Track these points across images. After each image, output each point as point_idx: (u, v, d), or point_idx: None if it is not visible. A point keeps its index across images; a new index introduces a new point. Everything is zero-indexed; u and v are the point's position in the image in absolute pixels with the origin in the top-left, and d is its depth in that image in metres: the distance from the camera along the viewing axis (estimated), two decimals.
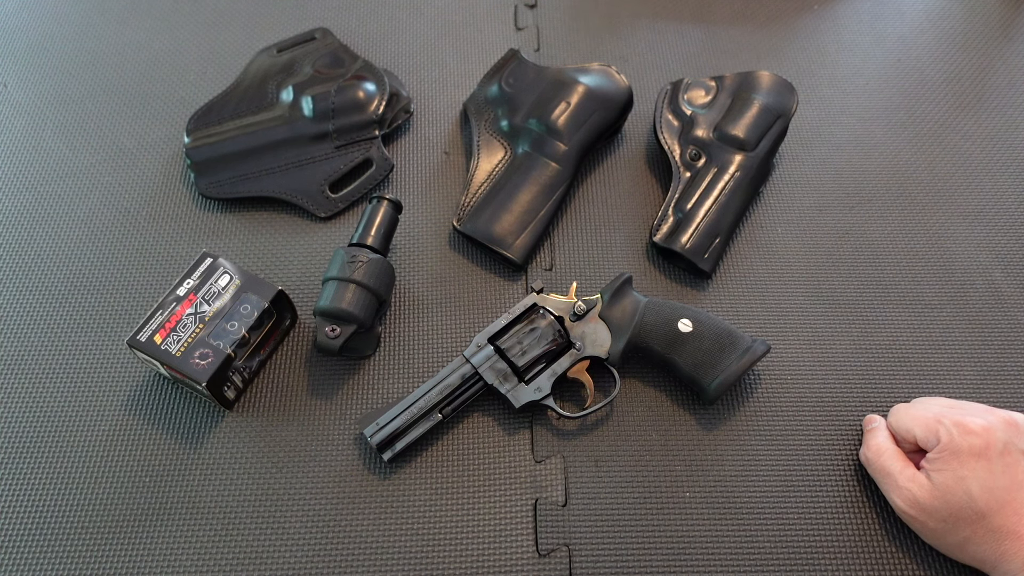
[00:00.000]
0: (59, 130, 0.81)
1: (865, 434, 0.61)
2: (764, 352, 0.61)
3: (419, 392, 0.61)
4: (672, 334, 0.61)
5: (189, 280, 0.63)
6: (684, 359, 0.61)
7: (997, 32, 0.90)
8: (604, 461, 0.62)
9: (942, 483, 0.53)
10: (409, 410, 0.60)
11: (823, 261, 0.72)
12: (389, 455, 0.59)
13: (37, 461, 0.62)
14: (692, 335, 0.61)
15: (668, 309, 0.63)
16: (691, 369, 0.61)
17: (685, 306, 0.63)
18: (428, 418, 0.60)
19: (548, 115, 0.74)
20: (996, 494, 0.51)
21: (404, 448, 0.60)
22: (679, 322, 0.61)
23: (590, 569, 0.57)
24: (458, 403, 0.61)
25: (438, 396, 0.60)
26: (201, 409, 0.64)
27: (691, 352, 0.61)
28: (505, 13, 0.92)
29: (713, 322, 0.62)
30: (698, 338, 0.61)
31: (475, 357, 0.62)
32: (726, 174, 0.72)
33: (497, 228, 0.70)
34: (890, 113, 0.83)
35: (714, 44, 0.88)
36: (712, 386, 0.60)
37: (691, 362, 0.61)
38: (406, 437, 0.60)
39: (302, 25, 0.89)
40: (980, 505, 0.51)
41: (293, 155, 0.76)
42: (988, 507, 0.51)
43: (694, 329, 0.61)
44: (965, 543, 0.52)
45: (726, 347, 0.61)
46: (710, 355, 0.60)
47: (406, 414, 0.60)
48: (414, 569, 0.57)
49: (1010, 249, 0.73)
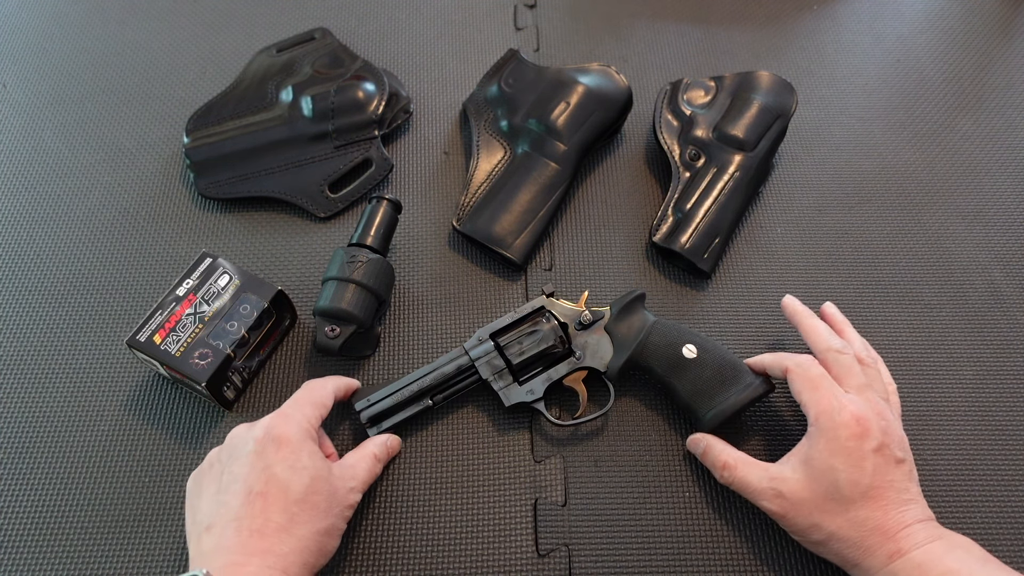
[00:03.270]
0: (58, 130, 0.81)
1: (702, 458, 0.59)
2: (765, 392, 0.59)
3: (414, 375, 0.61)
4: (675, 358, 0.60)
5: (189, 280, 0.63)
6: (683, 385, 0.60)
7: (997, 32, 0.90)
8: (604, 461, 0.62)
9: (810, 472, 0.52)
10: (401, 391, 0.61)
11: (823, 261, 0.72)
12: (375, 432, 0.60)
13: (37, 461, 0.62)
14: (695, 362, 0.60)
15: (675, 332, 0.62)
16: (688, 396, 0.60)
17: (694, 332, 0.62)
18: (418, 402, 0.61)
19: (548, 115, 0.74)
20: (860, 488, 0.50)
21: (391, 427, 0.61)
22: (684, 347, 0.60)
23: (590, 569, 0.57)
24: (450, 392, 0.62)
25: (432, 382, 0.61)
26: (201, 409, 0.64)
27: (691, 379, 0.60)
28: (504, 13, 0.92)
29: (719, 352, 0.61)
30: (700, 366, 0.60)
31: (474, 350, 0.62)
32: (726, 174, 0.72)
33: (497, 228, 0.70)
34: (889, 113, 0.83)
35: (714, 44, 0.89)
36: (707, 416, 0.59)
37: (689, 389, 0.60)
38: (394, 417, 0.61)
39: (302, 25, 0.89)
40: (845, 493, 0.50)
41: (293, 155, 0.76)
42: (852, 497, 0.50)
43: (698, 356, 0.60)
44: (830, 539, 0.51)
45: (727, 379, 0.59)
46: (709, 385, 0.59)
47: (398, 395, 0.61)
48: (414, 568, 0.57)
49: (1010, 249, 0.73)
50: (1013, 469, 0.61)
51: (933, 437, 0.63)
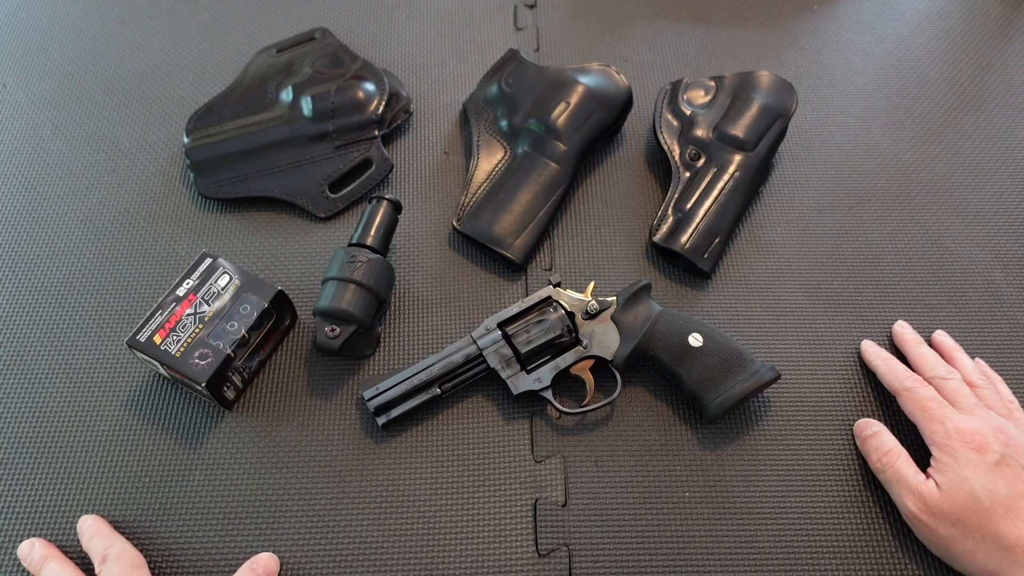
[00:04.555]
0: (58, 130, 0.81)
1: (866, 440, 0.60)
2: (772, 379, 0.60)
3: (422, 364, 0.62)
4: (681, 346, 0.61)
5: (189, 280, 0.63)
6: (689, 373, 0.61)
7: (997, 32, 0.90)
8: (604, 461, 0.62)
9: (947, 484, 0.53)
10: (410, 380, 0.61)
11: (823, 261, 0.72)
12: (384, 420, 0.61)
13: (37, 461, 0.62)
14: (701, 350, 0.61)
15: (681, 321, 0.62)
16: (694, 384, 0.60)
17: (700, 321, 0.62)
18: (427, 391, 0.61)
19: (548, 115, 0.74)
20: (999, 499, 0.51)
21: (400, 416, 0.61)
22: (690, 336, 0.61)
23: (590, 569, 0.57)
24: (458, 381, 0.62)
25: (440, 371, 0.61)
26: (201, 409, 0.64)
27: (697, 367, 0.60)
28: (505, 13, 0.92)
29: (725, 341, 0.61)
30: (706, 354, 0.60)
31: (482, 339, 0.62)
32: (726, 174, 0.72)
33: (497, 228, 0.70)
34: (889, 113, 0.83)
35: (714, 44, 0.89)
36: (713, 404, 0.59)
37: (696, 377, 0.60)
38: (403, 406, 0.61)
39: (302, 25, 0.89)
40: (986, 504, 0.51)
41: (293, 155, 0.76)
42: (993, 508, 0.51)
43: (704, 345, 0.61)
44: (975, 552, 0.52)
45: (733, 367, 0.60)
46: (715, 373, 0.60)
47: (406, 383, 0.61)
48: (414, 569, 0.57)
49: (1010, 249, 0.73)
50: None
51: None
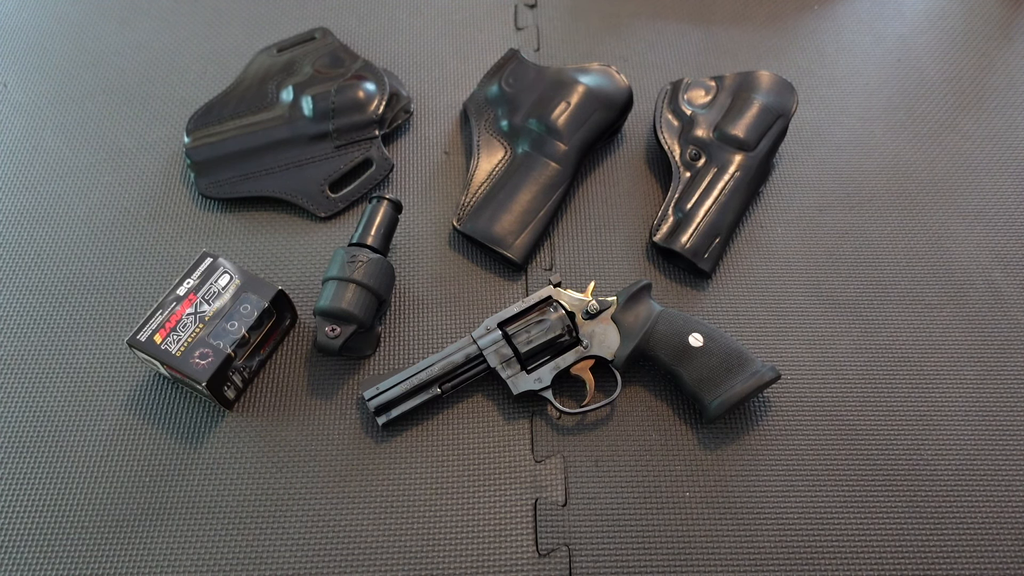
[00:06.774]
0: (59, 130, 0.81)
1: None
2: (772, 379, 0.60)
3: (422, 364, 0.62)
4: (681, 346, 0.61)
5: (189, 280, 0.63)
6: (689, 373, 0.61)
7: (997, 32, 0.90)
8: (604, 461, 0.62)
9: None
10: (410, 380, 0.61)
11: (823, 261, 0.72)
12: (384, 420, 0.61)
13: (37, 461, 0.62)
14: (701, 351, 0.61)
15: (681, 321, 0.62)
16: (695, 384, 0.60)
17: (700, 321, 0.62)
18: (427, 391, 0.61)
19: (548, 115, 0.74)
20: None
21: (400, 416, 0.61)
22: (690, 336, 0.61)
23: (590, 569, 0.57)
24: (458, 381, 0.62)
25: (440, 371, 0.61)
26: (201, 409, 0.64)
27: (697, 367, 0.60)
28: (505, 13, 0.92)
29: (725, 341, 0.61)
30: (707, 354, 0.61)
31: (482, 339, 0.62)
32: (726, 174, 0.72)
33: (497, 228, 0.70)
34: (890, 113, 0.83)
35: (714, 44, 0.89)
36: (713, 404, 0.60)
37: (696, 377, 0.60)
38: (403, 405, 0.61)
39: (302, 25, 0.89)
40: None
41: (293, 155, 0.76)
42: None
43: (704, 345, 0.61)
44: None
45: (734, 368, 0.60)
46: (716, 373, 0.60)
47: (406, 383, 0.61)
48: (414, 568, 0.57)
49: (1010, 249, 0.73)
50: (1013, 469, 0.61)
51: (934, 437, 0.63)
